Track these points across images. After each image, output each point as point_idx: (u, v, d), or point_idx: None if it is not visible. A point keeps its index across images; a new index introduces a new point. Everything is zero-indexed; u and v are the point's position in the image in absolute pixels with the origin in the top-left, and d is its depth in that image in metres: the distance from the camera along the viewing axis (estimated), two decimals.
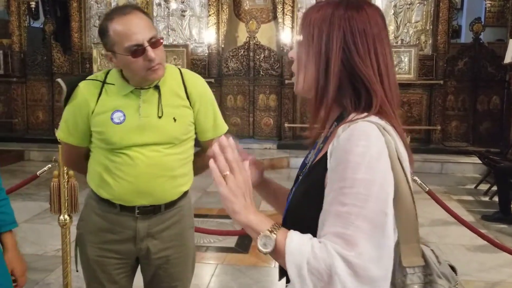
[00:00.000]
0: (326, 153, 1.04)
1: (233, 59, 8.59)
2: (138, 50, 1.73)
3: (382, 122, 1.02)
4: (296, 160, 7.39)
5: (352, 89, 1.06)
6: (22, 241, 1.64)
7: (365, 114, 1.03)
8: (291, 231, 0.97)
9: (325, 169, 1.02)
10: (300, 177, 1.15)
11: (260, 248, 0.97)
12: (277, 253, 0.96)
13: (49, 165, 3.00)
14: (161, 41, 1.79)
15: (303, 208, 1.06)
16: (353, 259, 0.90)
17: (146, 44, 1.73)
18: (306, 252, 0.92)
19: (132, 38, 1.72)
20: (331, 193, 0.97)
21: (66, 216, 2.82)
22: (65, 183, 2.80)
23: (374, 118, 1.02)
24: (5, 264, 1.73)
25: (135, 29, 1.73)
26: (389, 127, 1.02)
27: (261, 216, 1.01)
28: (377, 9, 1.13)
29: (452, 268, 1.08)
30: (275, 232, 0.97)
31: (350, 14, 1.06)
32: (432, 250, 1.08)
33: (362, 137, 0.97)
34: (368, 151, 0.96)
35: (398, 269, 1.02)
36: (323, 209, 0.98)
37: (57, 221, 2.89)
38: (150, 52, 1.73)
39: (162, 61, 1.79)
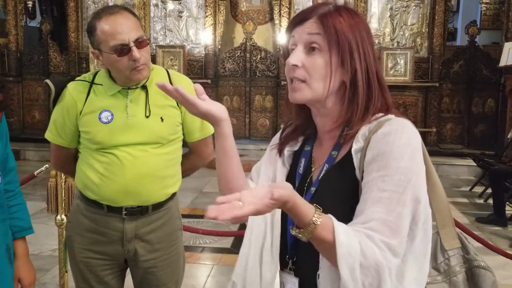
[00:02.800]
0: (346, 154, 1.07)
1: (230, 60, 8.60)
2: (123, 50, 1.75)
3: None
4: None
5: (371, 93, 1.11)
6: None
7: (382, 114, 1.08)
8: (336, 225, 0.93)
9: (351, 169, 1.04)
10: (312, 188, 1.12)
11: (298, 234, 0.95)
12: (316, 241, 0.95)
13: (47, 165, 3.00)
14: (147, 42, 1.81)
15: (342, 213, 1.01)
16: (397, 249, 0.94)
17: (132, 44, 1.75)
18: (356, 254, 0.92)
19: (118, 38, 1.74)
20: (369, 183, 0.99)
21: (63, 216, 2.82)
22: (62, 183, 2.81)
23: (393, 116, 1.08)
24: (12, 273, 1.69)
25: (121, 28, 1.75)
26: None
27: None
28: None
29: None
30: (315, 224, 0.93)
31: (364, 20, 1.13)
32: (460, 233, 1.15)
33: (403, 131, 1.02)
34: (411, 143, 1.01)
35: (440, 253, 1.10)
36: (361, 199, 0.99)
37: (53, 221, 2.90)
38: (135, 52, 1.75)
39: (147, 62, 1.81)
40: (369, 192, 0.98)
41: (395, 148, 0.99)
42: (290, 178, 1.21)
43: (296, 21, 1.11)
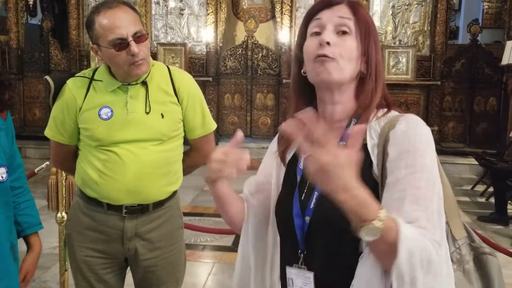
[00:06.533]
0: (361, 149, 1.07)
1: (231, 58, 8.58)
2: (121, 44, 1.73)
3: None
4: None
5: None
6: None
7: (386, 110, 1.12)
8: (395, 216, 0.93)
9: (369, 164, 1.06)
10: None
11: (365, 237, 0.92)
12: (383, 238, 0.91)
13: (47, 163, 2.99)
14: (146, 36, 1.79)
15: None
16: (440, 240, 0.97)
17: (130, 38, 1.73)
18: (416, 241, 0.92)
19: (116, 32, 1.72)
20: (401, 181, 1.00)
21: (63, 214, 2.81)
22: (63, 181, 2.79)
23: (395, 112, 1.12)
24: (17, 270, 1.70)
25: (119, 23, 1.73)
26: None
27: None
28: None
29: None
30: (381, 221, 0.91)
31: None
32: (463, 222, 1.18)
33: (420, 127, 1.06)
34: (428, 139, 1.05)
35: (451, 243, 1.12)
36: (392, 197, 1.00)
37: (53, 219, 2.88)
38: (134, 46, 1.73)
39: (146, 56, 1.79)
40: (403, 190, 0.99)
41: (418, 145, 1.02)
42: (289, 175, 1.21)
43: (324, 5, 1.13)
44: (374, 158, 1.06)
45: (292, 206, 1.13)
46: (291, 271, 1.15)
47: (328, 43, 1.08)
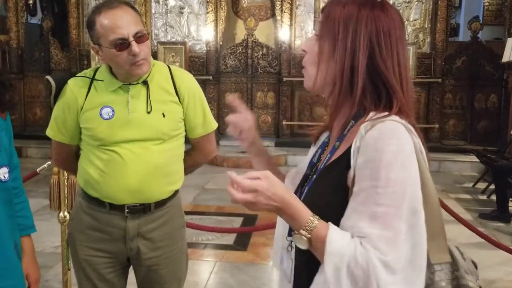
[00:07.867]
0: (346, 151, 1.06)
1: (231, 57, 8.58)
2: (122, 44, 1.74)
3: (404, 122, 1.03)
4: (294, 158, 7.39)
5: (373, 88, 1.07)
6: None
7: (386, 113, 1.04)
8: (331, 227, 0.96)
9: (347, 167, 1.03)
10: (314, 176, 1.15)
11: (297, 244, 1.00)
12: (314, 248, 0.98)
13: (49, 162, 2.99)
14: (147, 36, 1.79)
15: (322, 209, 1.03)
16: (393, 265, 0.92)
17: (131, 38, 1.74)
18: (347, 255, 0.92)
19: (117, 32, 1.73)
20: (363, 192, 0.97)
21: (65, 213, 2.82)
22: (65, 180, 2.80)
23: (396, 118, 1.03)
24: (21, 268, 1.69)
25: (120, 23, 1.74)
26: (410, 127, 1.04)
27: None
28: (398, 11, 1.13)
29: (474, 264, 1.12)
30: (309, 230, 0.97)
31: (376, 14, 1.07)
32: (456, 247, 1.10)
33: (393, 136, 0.99)
34: (400, 150, 0.97)
35: (426, 266, 1.03)
36: (352, 207, 0.98)
37: (55, 218, 2.89)
38: (135, 46, 1.74)
39: (147, 56, 1.79)
40: (364, 205, 0.96)
41: (384, 155, 0.96)
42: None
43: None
44: (353, 162, 1.01)
45: (297, 194, 1.17)
46: (283, 254, 1.20)
47: (304, 51, 1.15)
